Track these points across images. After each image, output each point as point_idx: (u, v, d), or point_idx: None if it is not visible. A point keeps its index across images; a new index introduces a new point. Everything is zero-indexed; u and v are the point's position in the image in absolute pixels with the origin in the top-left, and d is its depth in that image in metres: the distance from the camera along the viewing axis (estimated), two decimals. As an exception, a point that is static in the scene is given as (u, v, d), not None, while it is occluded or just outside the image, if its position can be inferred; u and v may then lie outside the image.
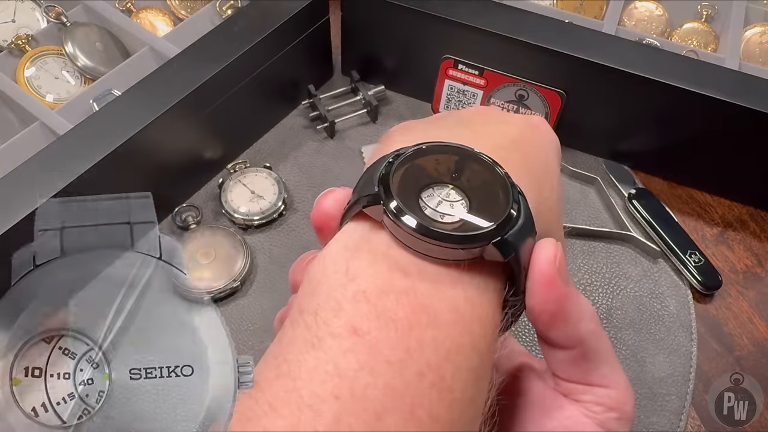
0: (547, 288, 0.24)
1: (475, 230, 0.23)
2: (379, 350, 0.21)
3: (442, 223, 0.23)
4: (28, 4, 0.68)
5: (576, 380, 0.26)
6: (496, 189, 0.24)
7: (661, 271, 0.61)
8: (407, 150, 0.25)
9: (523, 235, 0.23)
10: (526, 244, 0.24)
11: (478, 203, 0.24)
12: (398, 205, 0.23)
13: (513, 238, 0.23)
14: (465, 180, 0.24)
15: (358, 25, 0.69)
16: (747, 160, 0.63)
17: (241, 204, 0.62)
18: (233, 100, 0.62)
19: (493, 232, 0.23)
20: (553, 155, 0.30)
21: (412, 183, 0.24)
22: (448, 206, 0.23)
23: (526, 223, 0.23)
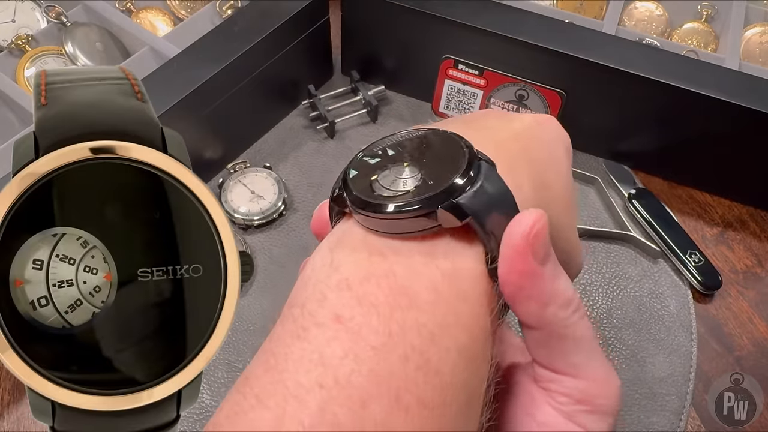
0: (514, 260, 0.23)
1: (421, 197, 0.23)
2: (363, 336, 0.21)
3: (393, 198, 0.23)
4: (28, 4, 0.68)
5: (543, 364, 0.25)
6: (452, 159, 0.24)
7: (661, 271, 0.61)
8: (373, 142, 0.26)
9: (486, 199, 0.23)
10: (493, 210, 0.23)
11: (430, 173, 0.24)
12: (351, 189, 0.24)
13: (467, 200, 0.22)
14: (421, 156, 0.25)
15: (358, 25, 0.69)
16: (747, 160, 0.63)
17: (241, 204, 0.62)
18: (233, 100, 0.62)
19: (442, 195, 0.22)
20: (559, 148, 0.29)
21: (370, 169, 0.24)
22: (401, 183, 0.24)
23: (490, 189, 0.23)
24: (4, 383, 0.53)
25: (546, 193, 0.26)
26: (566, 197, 0.28)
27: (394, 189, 0.23)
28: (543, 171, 0.27)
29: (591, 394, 0.25)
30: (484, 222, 0.23)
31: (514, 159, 0.26)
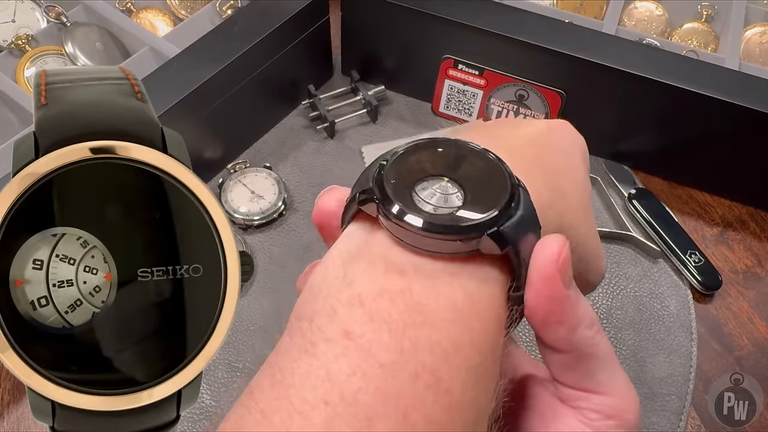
0: (544, 286, 0.23)
1: (469, 221, 0.22)
2: (372, 353, 0.20)
3: (436, 215, 0.22)
4: (28, 4, 0.68)
5: (571, 385, 0.26)
6: (493, 181, 0.24)
7: (661, 271, 0.61)
8: (403, 146, 0.25)
9: (523, 228, 0.23)
10: (526, 237, 0.23)
11: (473, 195, 0.23)
12: (390, 198, 0.23)
13: (510, 230, 0.22)
14: (461, 173, 0.24)
15: (358, 25, 0.69)
16: (747, 160, 0.63)
17: (241, 204, 0.62)
18: (233, 100, 0.62)
19: (488, 223, 0.22)
20: (576, 154, 0.29)
21: (407, 177, 0.24)
22: (442, 199, 0.23)
23: (526, 216, 0.23)
24: (4, 383, 0.53)
25: (562, 201, 0.26)
26: (584, 204, 0.28)
27: (436, 204, 0.23)
28: (559, 178, 0.27)
29: (620, 409, 0.25)
30: (520, 250, 0.23)
31: (529, 167, 0.26)
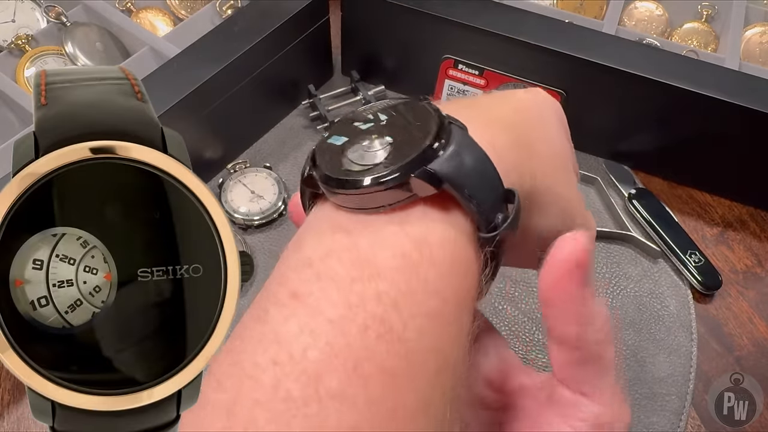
0: (562, 281, 0.23)
1: (392, 168, 0.22)
2: (320, 310, 0.21)
3: (362, 172, 0.22)
4: (28, 4, 0.68)
5: (569, 384, 0.26)
6: (420, 125, 0.23)
7: (661, 271, 0.61)
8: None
9: (458, 161, 0.22)
10: (467, 171, 0.23)
11: (399, 143, 0.23)
12: (321, 168, 0.23)
13: (441, 167, 0.22)
14: (388, 126, 0.24)
15: (358, 25, 0.69)
16: (747, 160, 0.63)
17: (241, 204, 0.62)
18: (233, 100, 0.62)
19: (412, 163, 0.22)
20: (546, 110, 0.29)
21: (339, 146, 0.24)
22: (371, 156, 0.23)
23: (462, 150, 0.23)
24: (4, 383, 0.54)
25: (527, 151, 0.26)
26: (561, 165, 0.28)
27: (365, 163, 0.23)
28: (525, 130, 0.27)
29: (608, 418, 0.25)
30: (462, 186, 0.22)
31: (490, 120, 0.26)
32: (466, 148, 0.23)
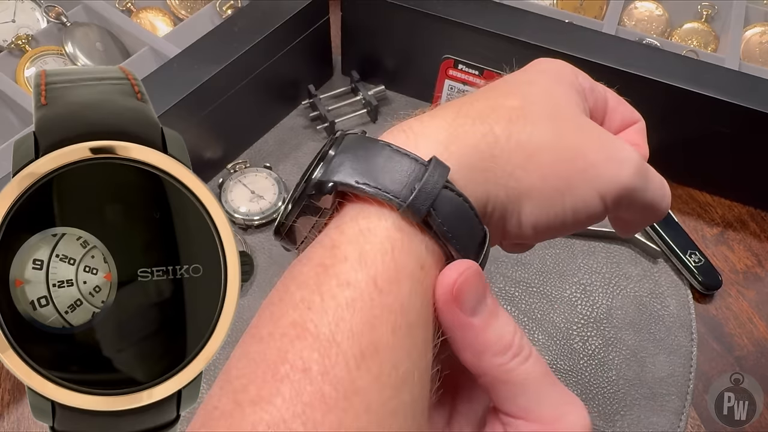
0: (443, 312, 0.23)
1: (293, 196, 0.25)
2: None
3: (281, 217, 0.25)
4: (28, 4, 0.68)
5: (496, 407, 0.25)
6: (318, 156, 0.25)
7: (661, 271, 0.61)
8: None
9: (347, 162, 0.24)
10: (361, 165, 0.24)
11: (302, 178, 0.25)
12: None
13: (321, 175, 0.24)
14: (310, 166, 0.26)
15: (358, 25, 0.69)
16: (747, 160, 0.63)
17: (241, 204, 0.62)
18: (233, 100, 0.62)
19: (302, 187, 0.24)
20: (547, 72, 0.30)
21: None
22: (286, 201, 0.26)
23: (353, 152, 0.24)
24: (4, 383, 0.53)
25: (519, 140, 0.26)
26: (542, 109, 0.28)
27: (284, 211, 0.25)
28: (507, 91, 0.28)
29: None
30: (352, 179, 0.24)
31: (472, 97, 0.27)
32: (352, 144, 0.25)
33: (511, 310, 0.58)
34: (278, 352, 0.21)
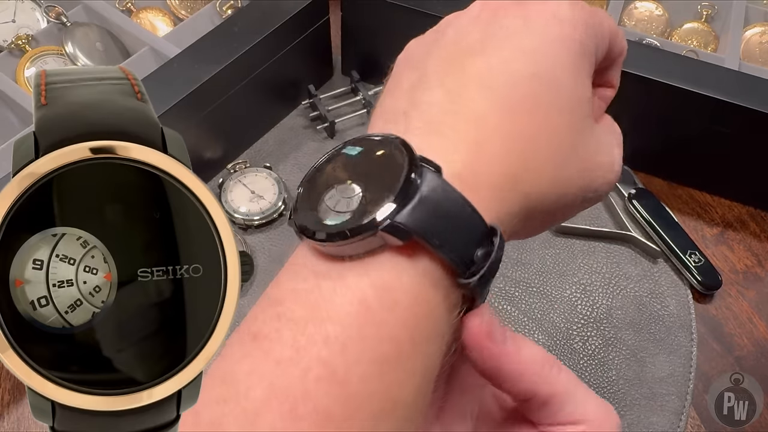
0: (480, 353, 0.24)
1: (362, 221, 0.22)
2: (271, 351, 0.21)
3: (332, 225, 0.23)
4: (28, 4, 0.68)
5: (547, 423, 0.26)
6: (390, 170, 0.23)
7: (661, 271, 0.61)
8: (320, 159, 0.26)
9: (433, 214, 0.22)
10: (443, 221, 0.22)
11: (372, 191, 0.23)
12: (293, 217, 0.24)
13: (405, 220, 0.22)
14: (361, 169, 0.24)
15: (358, 25, 0.69)
16: (747, 160, 0.63)
17: (241, 204, 0.62)
18: (233, 100, 0.62)
19: (377, 219, 0.22)
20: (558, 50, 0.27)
21: (317, 190, 0.24)
22: (344, 203, 0.23)
23: (438, 203, 0.22)
24: (4, 383, 0.54)
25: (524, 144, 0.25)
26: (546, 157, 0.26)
27: (339, 210, 0.23)
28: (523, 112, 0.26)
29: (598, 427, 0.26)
30: (431, 236, 0.22)
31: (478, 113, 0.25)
32: (437, 194, 0.22)
33: (511, 310, 0.58)
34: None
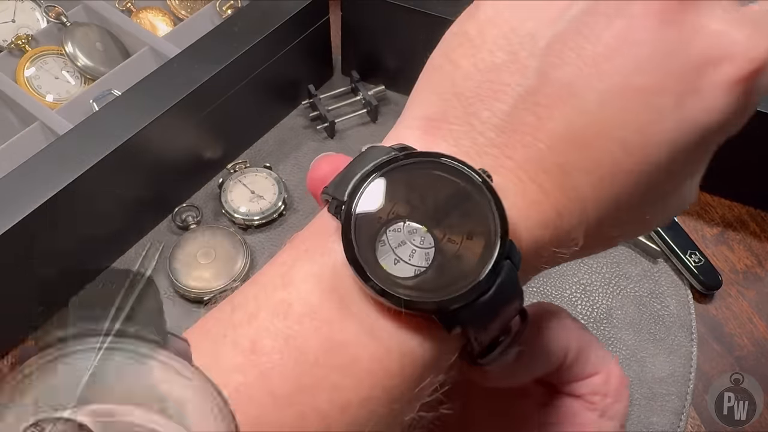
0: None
1: (417, 296, 0.20)
2: (269, 378, 0.19)
3: (389, 273, 0.20)
4: (28, 4, 0.68)
5: (567, 381, 0.27)
6: (475, 249, 0.20)
7: (661, 271, 0.61)
8: (398, 156, 0.21)
9: (488, 313, 0.20)
10: (491, 315, 0.21)
11: (443, 262, 0.20)
12: (354, 243, 0.20)
13: (466, 315, 0.20)
14: (446, 224, 0.20)
15: (358, 25, 0.69)
16: (747, 160, 0.63)
17: (241, 204, 0.62)
18: (233, 100, 0.61)
19: (435, 305, 0.20)
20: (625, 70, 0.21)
21: (385, 206, 0.21)
22: (407, 251, 0.20)
23: (497, 301, 0.20)
24: (4, 383, 0.53)
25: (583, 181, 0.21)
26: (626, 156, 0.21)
27: (398, 255, 0.20)
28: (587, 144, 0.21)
29: (612, 384, 0.27)
30: (471, 330, 0.21)
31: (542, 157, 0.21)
32: (503, 294, 0.20)
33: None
34: None
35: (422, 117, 0.23)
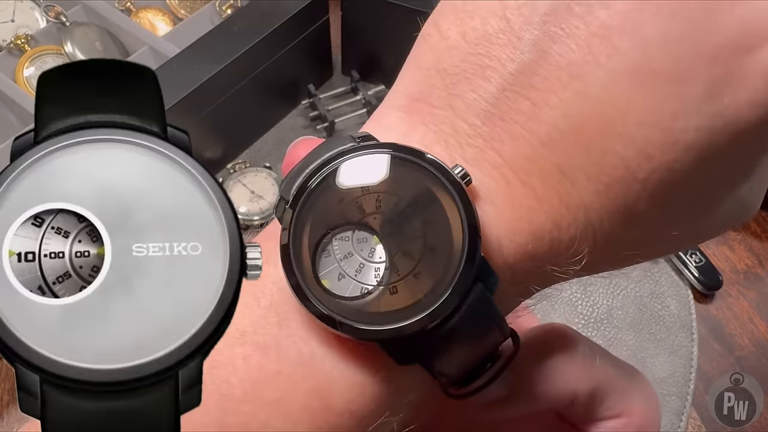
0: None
1: (363, 322, 0.16)
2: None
3: (331, 292, 0.17)
4: (27, 3, 0.68)
5: (587, 420, 0.24)
6: (436, 267, 0.17)
7: (661, 271, 0.61)
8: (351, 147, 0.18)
9: (453, 345, 0.17)
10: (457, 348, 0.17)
11: (395, 281, 0.17)
12: (288, 242, 0.18)
13: (419, 346, 0.17)
14: (403, 234, 0.17)
15: (358, 25, 0.69)
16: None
17: (241, 204, 0.62)
18: (233, 100, 0.61)
19: (383, 334, 0.16)
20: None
21: (330, 212, 0.18)
22: (354, 265, 0.17)
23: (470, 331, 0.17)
24: (4, 383, 0.53)
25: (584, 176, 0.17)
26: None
27: (343, 270, 0.17)
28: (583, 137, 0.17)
29: (638, 424, 0.24)
30: (439, 365, 0.17)
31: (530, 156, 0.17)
32: (471, 324, 0.17)
33: (511, 310, 0.58)
34: None
35: (405, 95, 0.20)
